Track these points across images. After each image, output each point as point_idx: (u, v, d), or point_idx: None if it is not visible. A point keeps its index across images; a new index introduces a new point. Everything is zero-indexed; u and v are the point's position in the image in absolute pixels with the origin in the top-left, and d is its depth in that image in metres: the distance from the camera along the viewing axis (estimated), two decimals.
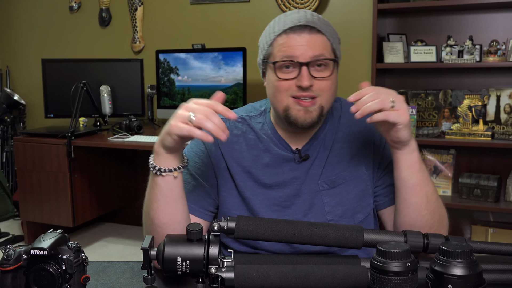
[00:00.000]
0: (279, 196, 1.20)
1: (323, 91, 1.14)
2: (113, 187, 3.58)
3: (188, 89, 3.31)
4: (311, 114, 1.14)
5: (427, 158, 2.96)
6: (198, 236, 0.91)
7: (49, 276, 0.86)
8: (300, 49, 1.12)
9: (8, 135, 4.03)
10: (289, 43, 1.13)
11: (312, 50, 1.12)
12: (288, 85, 1.14)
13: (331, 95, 1.17)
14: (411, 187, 1.10)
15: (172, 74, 3.34)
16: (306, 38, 1.13)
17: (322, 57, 1.13)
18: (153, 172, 1.07)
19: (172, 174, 1.06)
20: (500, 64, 2.68)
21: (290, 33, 1.14)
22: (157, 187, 1.08)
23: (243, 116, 1.28)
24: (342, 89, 3.64)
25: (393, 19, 3.05)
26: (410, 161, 1.09)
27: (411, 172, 1.09)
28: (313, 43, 1.13)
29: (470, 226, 2.94)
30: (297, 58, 1.13)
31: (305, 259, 1.02)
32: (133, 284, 1.00)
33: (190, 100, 1.04)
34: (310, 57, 1.12)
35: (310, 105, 1.14)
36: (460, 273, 0.77)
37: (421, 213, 1.11)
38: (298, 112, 1.14)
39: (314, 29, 1.14)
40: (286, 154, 1.22)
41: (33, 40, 4.09)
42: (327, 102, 1.16)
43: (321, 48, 1.13)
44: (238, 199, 1.23)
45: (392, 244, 0.80)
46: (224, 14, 3.45)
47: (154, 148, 1.08)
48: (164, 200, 1.08)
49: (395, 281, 0.77)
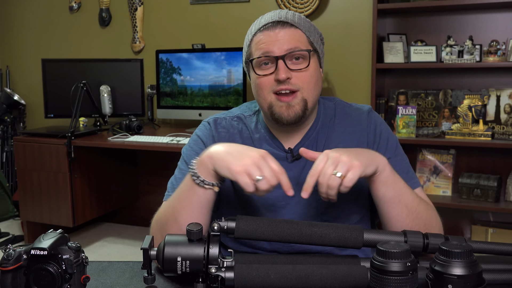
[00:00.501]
0: (274, 197, 1.20)
1: (303, 83, 1.16)
2: (113, 187, 3.58)
3: (191, 89, 3.31)
4: (293, 108, 1.16)
5: (427, 158, 2.97)
6: (198, 236, 0.91)
7: (49, 276, 0.86)
8: (275, 44, 1.15)
9: (8, 135, 4.03)
10: (264, 40, 1.17)
11: (287, 43, 1.15)
12: (267, 81, 1.16)
13: (313, 87, 1.18)
14: (389, 200, 1.09)
15: (174, 74, 3.34)
16: (280, 33, 1.16)
17: (297, 49, 1.15)
18: (196, 182, 1.05)
19: (213, 188, 1.06)
20: (500, 64, 2.68)
21: (265, 31, 1.17)
22: (195, 197, 1.07)
23: (238, 115, 1.29)
24: (342, 89, 3.65)
25: (393, 19, 3.05)
26: (383, 179, 1.07)
27: (386, 187, 1.08)
28: (287, 37, 1.16)
29: (470, 226, 2.94)
30: (272, 53, 1.15)
31: (305, 259, 1.02)
32: (133, 284, 1.00)
33: (266, 155, 1.02)
34: (285, 50, 1.15)
35: (291, 99, 1.15)
36: (460, 273, 0.77)
37: (404, 223, 1.10)
38: (280, 108, 1.16)
39: (287, 23, 1.17)
40: (278, 153, 1.22)
41: (33, 40, 4.09)
42: (309, 94, 1.17)
43: (295, 41, 1.16)
44: (234, 199, 1.23)
45: (392, 244, 0.80)
46: (224, 14, 3.45)
47: (202, 160, 1.05)
48: (199, 210, 1.07)
49: (395, 281, 0.77)
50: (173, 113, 3.39)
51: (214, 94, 3.24)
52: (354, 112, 1.27)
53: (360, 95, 3.13)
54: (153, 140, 2.96)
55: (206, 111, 3.24)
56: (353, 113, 1.26)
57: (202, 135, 1.28)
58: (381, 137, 1.24)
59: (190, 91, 3.31)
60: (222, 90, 3.22)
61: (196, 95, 3.28)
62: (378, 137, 1.24)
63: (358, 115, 1.26)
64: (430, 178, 2.95)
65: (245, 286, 0.89)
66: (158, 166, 3.59)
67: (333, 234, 0.99)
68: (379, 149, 1.22)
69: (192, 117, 3.33)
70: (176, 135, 3.03)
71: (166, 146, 2.87)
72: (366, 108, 1.28)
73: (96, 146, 3.14)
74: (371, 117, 1.26)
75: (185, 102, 3.32)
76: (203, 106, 3.27)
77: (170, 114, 3.42)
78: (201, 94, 3.26)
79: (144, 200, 3.77)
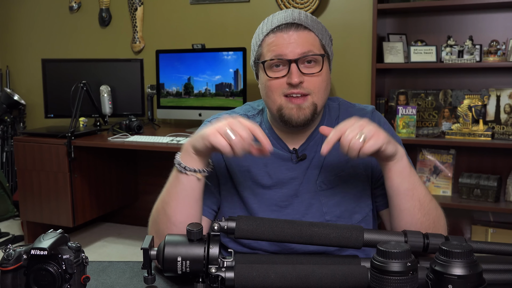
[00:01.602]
0: (277, 197, 1.20)
1: (315, 88, 1.15)
2: (113, 187, 3.58)
3: (191, 89, 3.31)
4: (304, 111, 1.15)
5: (427, 158, 2.96)
6: (198, 236, 0.91)
7: (49, 276, 0.86)
8: (289, 46, 1.13)
9: (8, 135, 4.03)
10: (277, 42, 1.15)
11: (300, 47, 1.14)
12: (279, 83, 1.15)
13: (323, 92, 1.17)
14: (403, 193, 1.09)
15: (174, 74, 3.34)
16: (294, 36, 1.14)
17: (310, 53, 1.14)
18: (178, 169, 1.07)
19: (196, 175, 1.07)
20: (500, 64, 2.68)
21: (278, 32, 1.15)
22: (180, 185, 1.08)
23: (241, 115, 1.28)
24: (342, 89, 3.65)
25: (393, 19, 3.05)
26: (400, 168, 1.08)
27: (402, 179, 1.08)
28: (300, 40, 1.14)
29: (470, 226, 2.94)
30: (285, 56, 1.14)
31: (305, 259, 1.02)
32: (133, 284, 1.00)
33: (237, 117, 1.05)
34: (299, 53, 1.13)
35: (302, 102, 1.15)
36: (460, 273, 0.77)
37: (415, 217, 1.10)
38: (291, 110, 1.15)
39: (301, 26, 1.15)
40: (283, 154, 1.22)
41: (33, 40, 4.09)
42: (319, 99, 1.17)
43: (309, 45, 1.14)
44: (237, 199, 1.23)
45: (392, 244, 0.80)
46: (224, 14, 3.45)
47: (184, 146, 1.09)
48: (185, 199, 1.09)
49: (395, 281, 0.77)
50: (173, 113, 3.39)
51: (214, 94, 3.24)
52: (358, 113, 1.27)
53: (360, 95, 3.13)
54: (153, 140, 2.96)
55: (206, 111, 3.24)
56: (357, 114, 1.26)
57: None
58: None
59: (190, 91, 3.30)
60: (222, 90, 3.22)
61: (196, 95, 3.28)
62: None
63: (362, 116, 1.26)
64: (430, 178, 2.95)
65: (245, 286, 0.89)
66: (158, 166, 3.58)
67: (334, 234, 0.99)
68: None
69: (192, 117, 3.33)
70: (176, 135, 3.03)
71: (166, 146, 2.86)
72: (369, 109, 1.28)
73: (96, 146, 3.14)
74: (374, 118, 1.26)
75: (185, 102, 3.32)
76: (203, 106, 3.27)
77: (170, 114, 3.42)
78: (201, 94, 3.26)
79: (144, 200, 3.77)
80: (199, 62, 3.27)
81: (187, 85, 3.31)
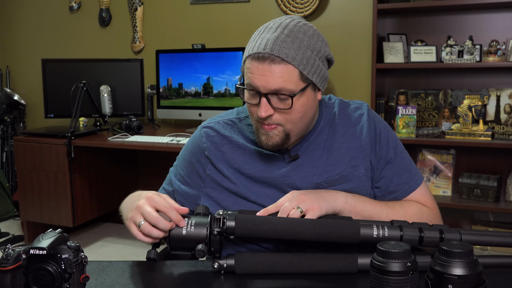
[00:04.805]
0: (276, 196, 1.20)
1: (286, 121, 1.13)
2: (113, 187, 3.58)
3: (192, 89, 3.30)
4: (272, 139, 1.15)
5: (427, 158, 2.96)
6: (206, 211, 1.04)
7: (48, 275, 0.86)
8: (261, 80, 1.09)
9: (8, 135, 4.02)
10: (253, 70, 1.11)
11: (272, 82, 1.09)
12: (254, 109, 1.15)
13: (298, 121, 1.14)
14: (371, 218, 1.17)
15: (174, 74, 3.34)
16: (267, 69, 1.09)
17: (282, 91, 1.09)
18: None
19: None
20: (500, 64, 2.68)
21: (254, 61, 1.10)
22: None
23: (233, 118, 1.29)
24: (342, 89, 3.64)
25: (393, 19, 3.05)
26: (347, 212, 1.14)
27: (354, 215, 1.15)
28: (274, 75, 1.09)
29: (470, 226, 2.94)
30: (257, 88, 1.11)
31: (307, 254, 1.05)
32: (133, 284, 1.00)
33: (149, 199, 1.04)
34: (269, 90, 1.10)
35: (271, 130, 1.14)
36: (460, 273, 0.77)
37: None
38: (261, 136, 1.16)
39: (277, 58, 1.08)
40: (275, 154, 1.22)
41: (33, 40, 4.09)
42: (293, 128, 1.15)
43: (282, 81, 1.08)
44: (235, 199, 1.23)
45: (392, 244, 0.80)
46: (224, 14, 3.45)
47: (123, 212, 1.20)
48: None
49: (395, 281, 0.77)
50: (173, 113, 3.39)
51: (235, 94, 3.22)
52: (354, 113, 1.27)
53: (360, 95, 3.13)
54: (153, 140, 2.96)
55: (206, 111, 3.24)
56: (353, 114, 1.27)
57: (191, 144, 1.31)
58: (381, 137, 1.25)
59: (190, 91, 3.30)
60: (222, 90, 3.21)
61: (216, 95, 3.25)
62: (379, 136, 1.25)
63: (358, 116, 1.26)
64: (430, 178, 2.95)
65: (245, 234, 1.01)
66: (158, 166, 3.58)
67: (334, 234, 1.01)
68: (381, 149, 1.24)
69: (192, 117, 3.33)
70: (176, 135, 3.03)
71: (166, 146, 2.86)
72: (364, 107, 1.28)
73: (96, 146, 3.14)
74: (370, 117, 1.26)
75: (185, 102, 3.32)
76: (203, 106, 3.27)
77: (170, 114, 3.42)
78: (221, 95, 3.24)
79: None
80: (201, 62, 3.26)
81: (206, 85, 3.29)
